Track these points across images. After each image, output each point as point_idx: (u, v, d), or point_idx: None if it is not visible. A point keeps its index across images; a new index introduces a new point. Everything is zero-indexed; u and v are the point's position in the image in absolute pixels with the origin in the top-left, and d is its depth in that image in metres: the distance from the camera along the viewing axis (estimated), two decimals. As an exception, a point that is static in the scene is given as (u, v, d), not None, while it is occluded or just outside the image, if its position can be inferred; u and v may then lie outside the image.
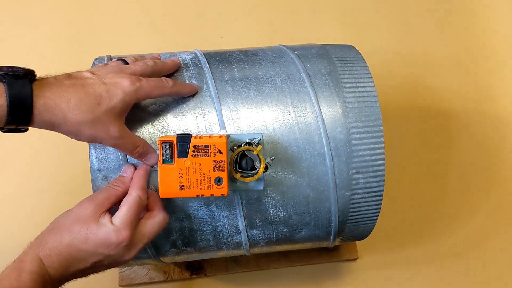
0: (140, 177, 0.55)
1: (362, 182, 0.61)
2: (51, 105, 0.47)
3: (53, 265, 0.48)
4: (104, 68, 0.55)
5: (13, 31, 1.07)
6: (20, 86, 0.46)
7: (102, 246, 0.49)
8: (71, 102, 0.48)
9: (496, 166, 1.02)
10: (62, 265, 0.49)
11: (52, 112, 0.47)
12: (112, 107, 0.51)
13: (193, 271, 0.86)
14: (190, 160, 0.52)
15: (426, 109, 1.05)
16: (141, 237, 0.53)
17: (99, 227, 0.49)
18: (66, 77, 0.50)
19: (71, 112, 0.48)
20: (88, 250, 0.49)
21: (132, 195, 0.53)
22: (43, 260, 0.48)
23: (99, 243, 0.49)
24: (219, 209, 0.60)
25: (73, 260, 0.49)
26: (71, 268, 0.50)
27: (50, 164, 0.95)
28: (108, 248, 0.50)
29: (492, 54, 1.12)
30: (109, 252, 0.50)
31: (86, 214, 0.50)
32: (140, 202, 0.53)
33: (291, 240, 0.66)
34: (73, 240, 0.49)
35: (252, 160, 0.55)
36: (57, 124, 0.48)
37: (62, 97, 0.48)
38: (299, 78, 0.62)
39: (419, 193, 0.98)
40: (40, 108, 0.47)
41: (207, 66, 0.63)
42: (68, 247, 0.49)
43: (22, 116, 0.46)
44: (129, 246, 0.51)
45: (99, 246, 0.49)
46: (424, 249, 0.93)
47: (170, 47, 0.99)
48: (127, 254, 0.51)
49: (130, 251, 0.52)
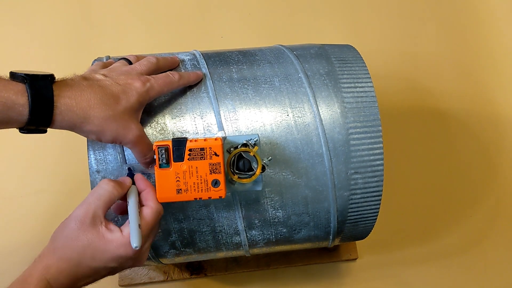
0: (151, 187, 0.54)
1: (361, 182, 0.61)
2: (72, 104, 0.48)
3: (63, 284, 0.48)
4: (113, 70, 0.55)
5: (13, 31, 1.07)
6: (41, 86, 0.46)
7: (112, 261, 0.49)
8: (91, 101, 0.49)
9: (495, 166, 1.01)
10: (72, 282, 0.48)
11: (74, 112, 0.48)
12: (131, 106, 0.52)
13: (193, 271, 0.86)
14: (186, 164, 0.52)
15: (425, 109, 1.05)
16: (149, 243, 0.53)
17: (106, 244, 0.48)
18: (82, 79, 0.51)
19: (92, 110, 0.49)
20: (98, 266, 0.49)
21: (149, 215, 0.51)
22: (51, 283, 0.47)
23: (108, 259, 0.48)
24: (218, 210, 0.60)
25: (82, 276, 0.49)
26: (81, 282, 0.49)
27: (50, 165, 0.96)
28: (118, 262, 0.49)
29: (491, 54, 1.11)
30: (120, 265, 0.50)
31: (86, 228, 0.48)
32: (158, 217, 0.52)
33: (290, 240, 0.66)
34: (81, 259, 0.48)
35: (249, 161, 0.55)
36: (78, 124, 0.49)
37: (82, 97, 0.48)
38: (298, 78, 0.62)
39: (418, 193, 0.98)
40: (61, 108, 0.47)
41: (206, 67, 0.63)
42: (77, 267, 0.48)
43: (44, 115, 0.46)
44: (140, 255, 0.51)
45: (109, 261, 0.49)
46: (424, 249, 0.93)
47: (170, 47, 0.99)
48: (138, 262, 0.52)
49: (141, 259, 0.52)
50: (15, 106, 0.45)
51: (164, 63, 0.61)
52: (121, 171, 0.57)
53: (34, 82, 0.46)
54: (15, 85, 0.46)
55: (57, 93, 0.47)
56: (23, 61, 1.04)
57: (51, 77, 0.48)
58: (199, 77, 0.61)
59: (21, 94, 0.45)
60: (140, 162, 0.55)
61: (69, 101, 0.48)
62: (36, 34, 1.07)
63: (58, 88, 0.48)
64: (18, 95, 0.45)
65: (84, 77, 0.51)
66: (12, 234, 0.89)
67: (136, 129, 0.52)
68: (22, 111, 0.45)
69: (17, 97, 0.45)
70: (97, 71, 0.55)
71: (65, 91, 0.48)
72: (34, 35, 1.07)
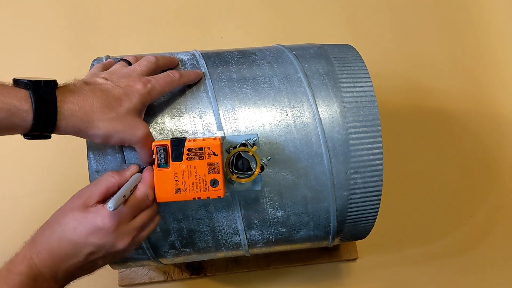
0: (152, 177, 0.54)
1: (360, 182, 0.61)
2: (75, 109, 0.48)
3: (45, 262, 0.48)
4: (114, 73, 0.55)
5: (13, 31, 1.07)
6: (44, 92, 0.47)
7: (91, 234, 0.48)
8: (94, 105, 0.49)
9: (495, 166, 1.01)
10: (54, 262, 0.48)
11: (78, 117, 0.48)
12: (133, 107, 0.52)
13: (193, 271, 0.86)
14: (185, 164, 0.52)
15: (425, 109, 1.05)
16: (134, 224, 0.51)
17: (87, 215, 0.49)
18: (84, 83, 0.51)
19: (96, 114, 0.49)
20: (78, 240, 0.48)
21: (140, 190, 0.52)
22: (34, 259, 0.48)
23: (87, 231, 0.48)
24: (217, 210, 0.60)
25: (64, 255, 0.49)
26: (65, 264, 0.49)
27: (50, 165, 0.96)
28: (97, 235, 0.48)
29: (492, 54, 1.11)
30: (99, 240, 0.49)
31: (76, 206, 0.50)
32: (145, 200, 0.52)
33: (290, 240, 0.66)
34: (63, 232, 0.48)
35: (248, 161, 0.55)
36: (83, 128, 0.49)
37: (85, 101, 0.49)
38: (297, 78, 0.62)
39: (418, 193, 0.98)
40: (65, 113, 0.48)
41: (205, 67, 0.63)
42: (58, 241, 0.48)
43: (48, 121, 0.47)
44: (119, 232, 0.49)
45: (88, 234, 0.48)
46: (424, 249, 0.93)
47: (169, 47, 0.99)
48: (119, 241, 0.50)
49: (123, 238, 0.50)
50: (18, 112, 0.45)
51: (163, 62, 0.61)
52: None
53: (37, 88, 0.46)
54: (18, 92, 0.46)
55: (60, 99, 0.47)
56: (23, 61, 1.04)
57: (54, 82, 0.49)
58: (199, 76, 0.61)
59: (24, 100, 0.46)
60: (144, 162, 0.55)
61: (72, 106, 0.48)
62: (35, 34, 1.07)
63: (61, 93, 0.48)
64: (21, 101, 0.45)
65: (85, 81, 0.52)
66: (12, 234, 0.89)
67: (143, 127, 0.53)
68: (26, 117, 0.46)
69: (21, 103, 0.45)
70: (98, 74, 0.55)
71: (68, 96, 0.48)
72: (34, 35, 1.07)
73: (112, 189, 0.51)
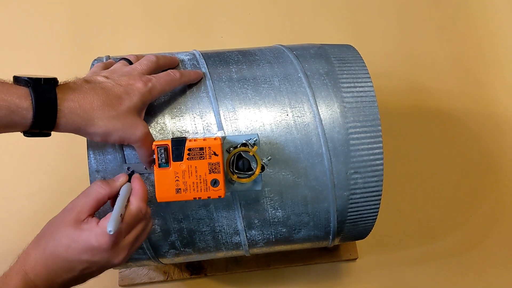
0: (143, 188, 0.53)
1: (361, 182, 0.61)
2: (75, 107, 0.48)
3: (40, 276, 0.47)
4: (114, 72, 0.55)
5: (14, 31, 1.07)
6: (44, 90, 0.46)
7: (84, 253, 0.47)
8: (94, 103, 0.49)
9: (495, 166, 1.01)
10: (49, 275, 0.48)
11: (77, 114, 0.48)
12: (134, 106, 0.52)
13: (193, 271, 0.86)
14: (185, 164, 0.52)
15: (425, 109, 1.05)
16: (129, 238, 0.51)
17: (80, 233, 0.47)
18: (85, 82, 0.51)
19: (96, 112, 0.49)
20: (72, 258, 0.48)
21: (134, 205, 0.51)
22: (29, 273, 0.47)
23: (81, 249, 0.47)
24: (218, 210, 0.60)
25: (59, 269, 0.48)
26: (59, 278, 0.48)
27: (49, 165, 0.96)
28: (91, 253, 0.47)
29: (492, 54, 1.11)
30: (93, 258, 0.48)
31: (68, 221, 0.48)
32: (139, 214, 0.51)
33: (290, 240, 0.66)
34: (56, 248, 0.48)
35: (249, 161, 0.55)
36: (83, 126, 0.49)
37: (85, 99, 0.49)
38: (297, 78, 0.62)
39: (418, 193, 0.98)
40: (65, 111, 0.47)
41: (205, 67, 0.63)
42: (52, 256, 0.48)
43: (48, 119, 0.47)
44: (115, 250, 0.49)
45: (82, 252, 0.47)
46: (424, 249, 0.93)
47: (169, 47, 0.99)
48: (115, 257, 0.49)
49: (118, 254, 0.49)
50: (18, 110, 0.45)
51: (164, 61, 0.61)
52: (120, 171, 0.57)
53: (38, 85, 0.46)
54: (18, 89, 0.46)
55: (60, 97, 0.47)
56: (23, 60, 1.04)
57: (54, 80, 0.48)
58: (200, 76, 0.61)
59: (24, 98, 0.46)
60: (143, 162, 0.55)
61: (72, 104, 0.48)
62: (36, 33, 1.07)
63: (61, 91, 0.48)
64: (21, 99, 0.45)
65: (86, 80, 0.52)
66: (12, 234, 0.89)
67: (143, 126, 0.53)
68: (26, 115, 0.46)
69: (21, 100, 0.45)
70: (98, 73, 0.55)
71: (68, 94, 0.48)
72: (34, 34, 1.07)
73: (103, 200, 0.51)
